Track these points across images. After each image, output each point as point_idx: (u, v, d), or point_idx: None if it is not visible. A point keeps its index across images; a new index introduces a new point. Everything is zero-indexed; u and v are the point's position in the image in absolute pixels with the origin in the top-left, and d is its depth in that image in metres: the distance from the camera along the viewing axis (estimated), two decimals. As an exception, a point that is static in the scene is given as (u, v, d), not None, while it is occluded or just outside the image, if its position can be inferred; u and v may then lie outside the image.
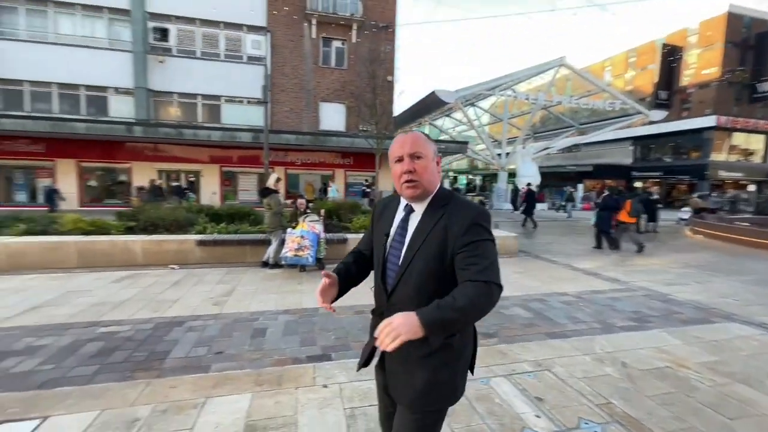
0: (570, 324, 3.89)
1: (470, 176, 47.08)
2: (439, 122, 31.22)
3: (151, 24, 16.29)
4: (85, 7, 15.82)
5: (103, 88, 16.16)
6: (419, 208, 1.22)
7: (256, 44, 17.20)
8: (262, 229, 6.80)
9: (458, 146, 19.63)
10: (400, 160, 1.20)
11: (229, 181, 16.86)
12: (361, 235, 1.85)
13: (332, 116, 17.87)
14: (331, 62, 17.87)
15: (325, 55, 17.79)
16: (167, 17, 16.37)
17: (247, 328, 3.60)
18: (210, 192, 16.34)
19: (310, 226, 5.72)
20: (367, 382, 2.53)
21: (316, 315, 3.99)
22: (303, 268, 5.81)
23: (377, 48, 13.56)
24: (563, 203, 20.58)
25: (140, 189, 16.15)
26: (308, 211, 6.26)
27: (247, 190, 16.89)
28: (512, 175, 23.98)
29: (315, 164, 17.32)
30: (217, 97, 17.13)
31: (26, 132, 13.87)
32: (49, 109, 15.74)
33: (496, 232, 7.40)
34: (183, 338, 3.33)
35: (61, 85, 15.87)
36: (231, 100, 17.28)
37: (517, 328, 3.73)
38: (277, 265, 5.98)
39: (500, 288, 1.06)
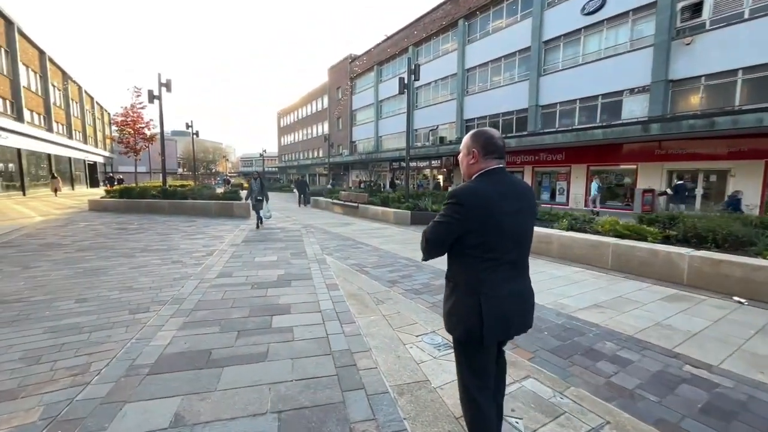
0: None
1: None
2: None
3: (680, 4, 14.36)
4: (609, 19, 16.82)
5: (618, 93, 16.55)
6: None
7: None
8: None
9: None
10: None
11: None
12: None
13: None
14: None
15: None
16: (704, -13, 13.67)
17: None
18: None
19: None
20: None
21: None
22: None
23: None
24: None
25: (646, 191, 15.17)
26: None
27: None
28: None
29: None
30: (772, 65, 12.22)
31: (556, 144, 17.21)
32: (571, 123, 18.59)
33: None
34: None
35: (582, 100, 18.12)
36: (802, 61, 11.65)
37: None
38: None
39: (423, 235, 1.63)
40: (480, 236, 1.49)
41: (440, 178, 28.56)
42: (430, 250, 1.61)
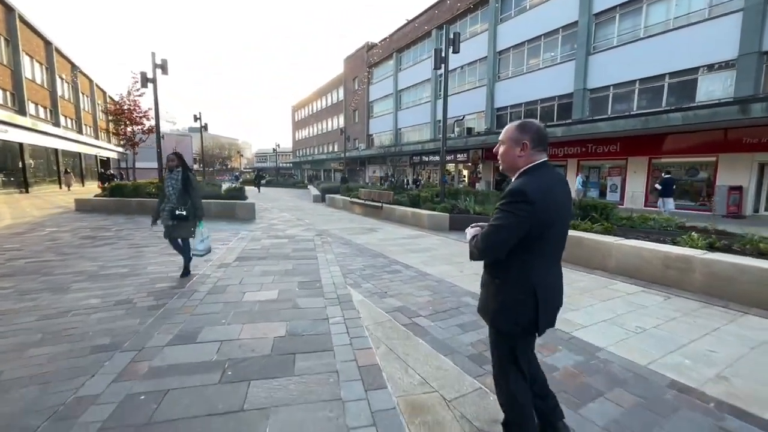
0: None
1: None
2: None
3: (783, -44, 11.54)
4: (681, -17, 14.04)
5: (693, 70, 13.80)
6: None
7: None
8: None
9: None
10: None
11: None
12: None
13: None
14: None
15: None
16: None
17: None
18: None
19: None
20: None
21: None
22: None
23: None
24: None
25: (733, 189, 12.50)
26: None
27: None
28: None
29: None
30: None
31: (613, 133, 14.59)
32: (628, 108, 15.89)
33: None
34: None
35: (643, 80, 15.38)
36: None
37: None
38: None
39: (482, 240, 1.47)
40: (540, 231, 1.44)
41: (465, 172, 26.15)
42: (488, 254, 1.52)
